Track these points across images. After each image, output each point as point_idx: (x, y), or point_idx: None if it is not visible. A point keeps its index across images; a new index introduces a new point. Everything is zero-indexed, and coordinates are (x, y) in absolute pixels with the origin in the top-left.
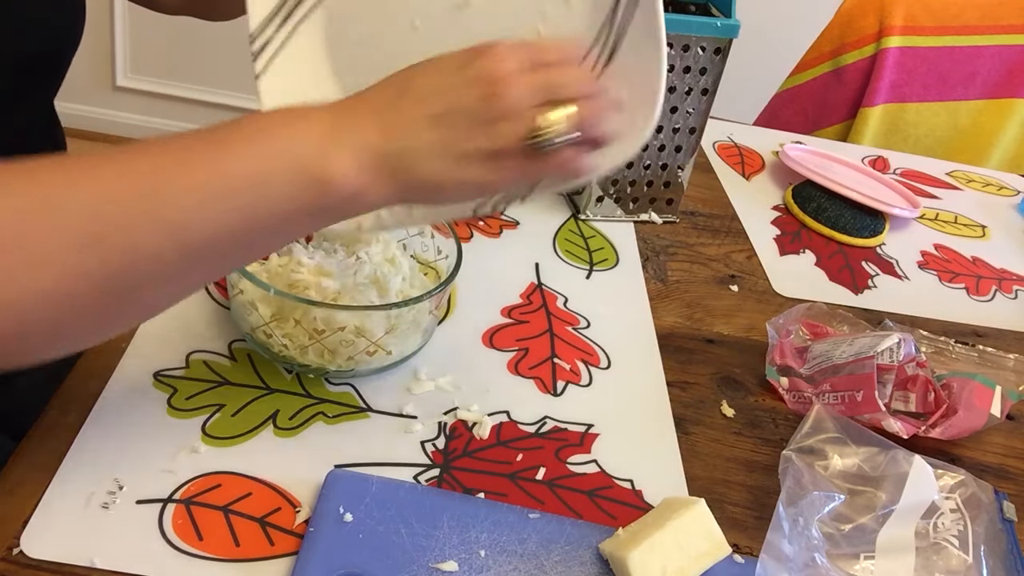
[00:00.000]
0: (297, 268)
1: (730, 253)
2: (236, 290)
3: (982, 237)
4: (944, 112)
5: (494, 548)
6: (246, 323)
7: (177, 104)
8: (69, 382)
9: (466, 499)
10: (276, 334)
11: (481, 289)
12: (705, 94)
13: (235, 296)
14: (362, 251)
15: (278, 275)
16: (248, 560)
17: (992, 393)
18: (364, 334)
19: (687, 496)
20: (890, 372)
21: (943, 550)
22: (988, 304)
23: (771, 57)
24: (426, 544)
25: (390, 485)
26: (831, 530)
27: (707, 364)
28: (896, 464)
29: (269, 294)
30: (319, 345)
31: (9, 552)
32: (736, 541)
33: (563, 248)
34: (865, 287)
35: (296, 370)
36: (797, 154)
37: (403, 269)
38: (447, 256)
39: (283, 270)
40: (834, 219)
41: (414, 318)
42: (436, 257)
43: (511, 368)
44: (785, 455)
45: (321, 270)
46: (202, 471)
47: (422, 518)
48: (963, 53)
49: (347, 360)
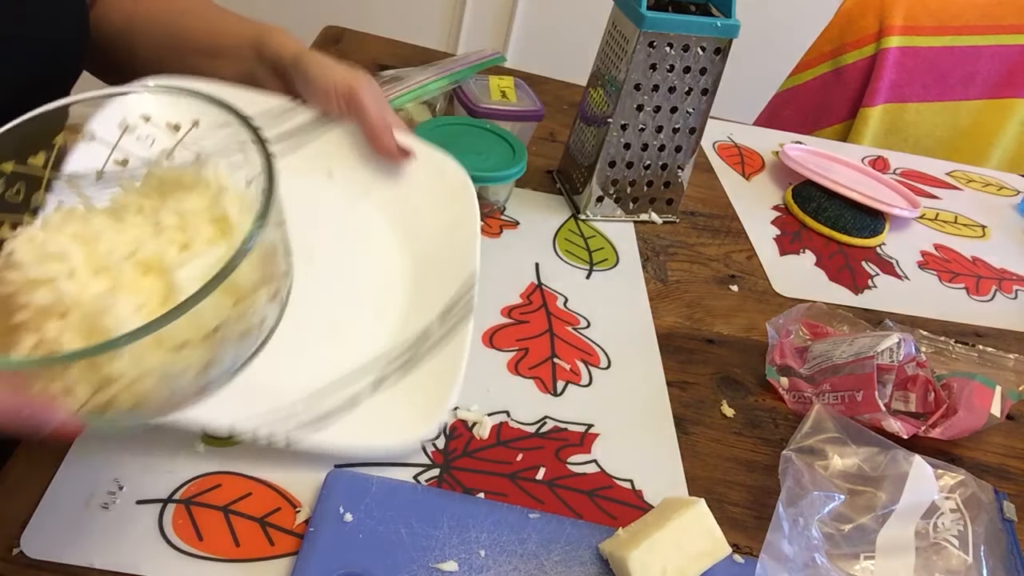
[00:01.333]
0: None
1: (730, 253)
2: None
3: (982, 237)
4: (944, 112)
5: (494, 548)
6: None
7: None
8: None
9: (466, 499)
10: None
11: (481, 289)
12: (705, 94)
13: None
14: (171, 208)
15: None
16: (248, 560)
17: (992, 393)
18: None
19: (687, 496)
20: (890, 372)
21: (943, 550)
22: (988, 304)
23: (771, 57)
24: (426, 544)
25: (390, 485)
26: (831, 530)
27: (707, 364)
28: (896, 464)
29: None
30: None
31: (9, 552)
32: (736, 541)
33: (563, 248)
34: (865, 287)
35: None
36: (797, 154)
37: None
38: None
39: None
40: (834, 219)
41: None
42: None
43: (511, 368)
44: (785, 455)
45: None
46: (202, 471)
47: (422, 518)
48: (963, 53)
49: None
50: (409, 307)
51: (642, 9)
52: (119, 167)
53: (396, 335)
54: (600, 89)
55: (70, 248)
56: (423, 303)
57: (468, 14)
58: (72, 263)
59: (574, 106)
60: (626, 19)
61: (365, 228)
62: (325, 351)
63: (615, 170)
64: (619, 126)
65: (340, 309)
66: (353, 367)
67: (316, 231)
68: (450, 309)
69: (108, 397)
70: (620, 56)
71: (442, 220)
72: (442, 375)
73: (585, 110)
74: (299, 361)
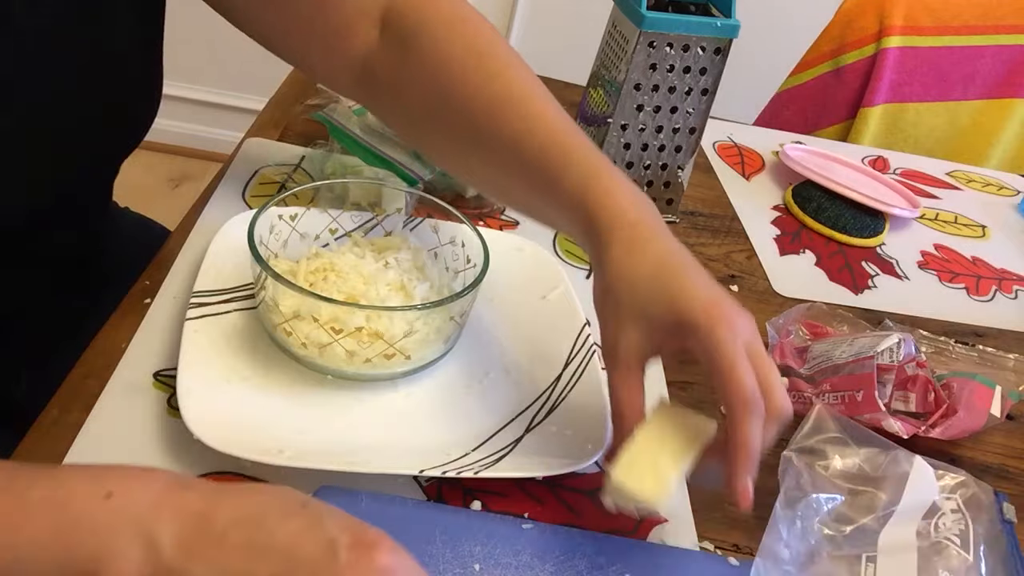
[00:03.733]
0: (328, 268)
1: (730, 253)
2: (260, 287)
3: (982, 237)
4: (944, 112)
5: (488, 561)
6: (268, 321)
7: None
8: (69, 382)
9: (458, 512)
10: (296, 332)
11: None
12: (705, 94)
13: (259, 293)
14: (391, 256)
15: (304, 276)
16: None
17: (992, 393)
18: (382, 336)
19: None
20: (890, 372)
21: (944, 549)
22: (988, 304)
23: (771, 57)
24: (419, 560)
25: (380, 500)
26: (832, 531)
27: None
28: (897, 464)
29: (291, 291)
30: (337, 346)
31: None
32: (736, 541)
33: (563, 248)
34: (865, 287)
35: (317, 370)
36: (797, 154)
37: (432, 277)
38: (475, 265)
39: (314, 269)
40: (834, 219)
41: (438, 326)
42: (465, 266)
43: None
44: (785, 456)
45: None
46: (202, 471)
47: (414, 533)
48: (963, 53)
49: (364, 363)
50: (532, 364)
51: (642, 9)
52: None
53: (530, 385)
54: (600, 89)
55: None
56: (548, 358)
57: None
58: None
59: (574, 106)
60: (626, 19)
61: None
62: (473, 409)
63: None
64: (619, 126)
65: (469, 374)
66: (502, 417)
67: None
68: (574, 355)
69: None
70: (620, 56)
71: (535, 291)
72: (587, 405)
73: (585, 110)
74: (450, 419)
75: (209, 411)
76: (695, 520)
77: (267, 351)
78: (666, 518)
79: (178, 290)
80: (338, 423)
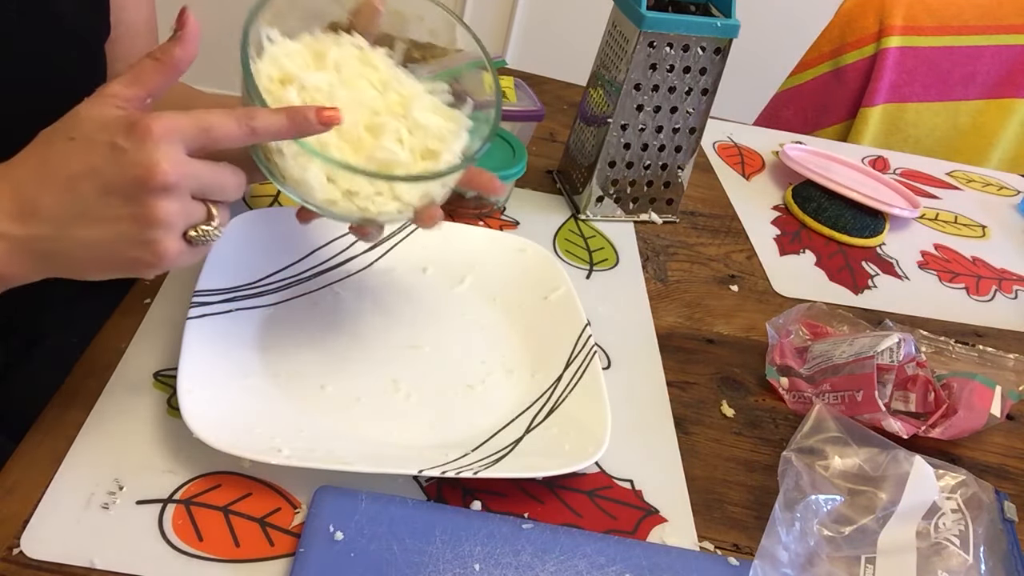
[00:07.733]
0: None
1: (730, 253)
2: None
3: (982, 237)
4: (944, 112)
5: (488, 561)
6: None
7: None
8: (69, 382)
9: (458, 512)
10: (286, 150)
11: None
12: (705, 94)
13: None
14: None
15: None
16: (248, 561)
17: (992, 393)
18: (385, 169)
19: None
20: (890, 372)
21: (944, 550)
22: (988, 304)
23: (771, 57)
24: (420, 560)
25: (380, 500)
26: (832, 532)
27: (707, 364)
28: (897, 464)
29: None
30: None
31: (9, 552)
32: (736, 541)
33: (563, 248)
34: (865, 287)
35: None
36: (797, 154)
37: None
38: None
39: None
40: (834, 219)
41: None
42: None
43: None
44: (784, 456)
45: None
46: (202, 471)
47: (414, 534)
48: (963, 53)
49: (347, 195)
50: (535, 364)
51: (642, 9)
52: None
53: (531, 386)
54: (600, 89)
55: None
56: (549, 359)
57: (468, 14)
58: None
59: (574, 106)
60: (626, 19)
61: (469, 309)
62: (473, 410)
63: (615, 170)
64: (619, 126)
65: (470, 375)
66: (502, 417)
67: (425, 314)
68: (574, 356)
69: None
70: (620, 56)
71: (537, 291)
72: (588, 407)
73: (585, 110)
74: (450, 419)
75: (209, 411)
76: (695, 520)
77: (267, 351)
78: None
79: (178, 290)
80: (338, 423)
